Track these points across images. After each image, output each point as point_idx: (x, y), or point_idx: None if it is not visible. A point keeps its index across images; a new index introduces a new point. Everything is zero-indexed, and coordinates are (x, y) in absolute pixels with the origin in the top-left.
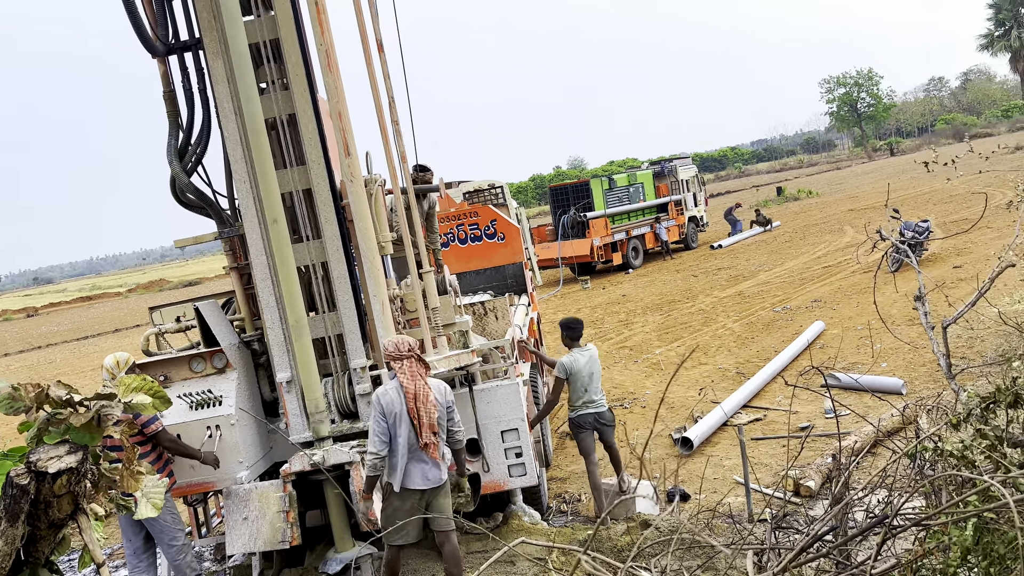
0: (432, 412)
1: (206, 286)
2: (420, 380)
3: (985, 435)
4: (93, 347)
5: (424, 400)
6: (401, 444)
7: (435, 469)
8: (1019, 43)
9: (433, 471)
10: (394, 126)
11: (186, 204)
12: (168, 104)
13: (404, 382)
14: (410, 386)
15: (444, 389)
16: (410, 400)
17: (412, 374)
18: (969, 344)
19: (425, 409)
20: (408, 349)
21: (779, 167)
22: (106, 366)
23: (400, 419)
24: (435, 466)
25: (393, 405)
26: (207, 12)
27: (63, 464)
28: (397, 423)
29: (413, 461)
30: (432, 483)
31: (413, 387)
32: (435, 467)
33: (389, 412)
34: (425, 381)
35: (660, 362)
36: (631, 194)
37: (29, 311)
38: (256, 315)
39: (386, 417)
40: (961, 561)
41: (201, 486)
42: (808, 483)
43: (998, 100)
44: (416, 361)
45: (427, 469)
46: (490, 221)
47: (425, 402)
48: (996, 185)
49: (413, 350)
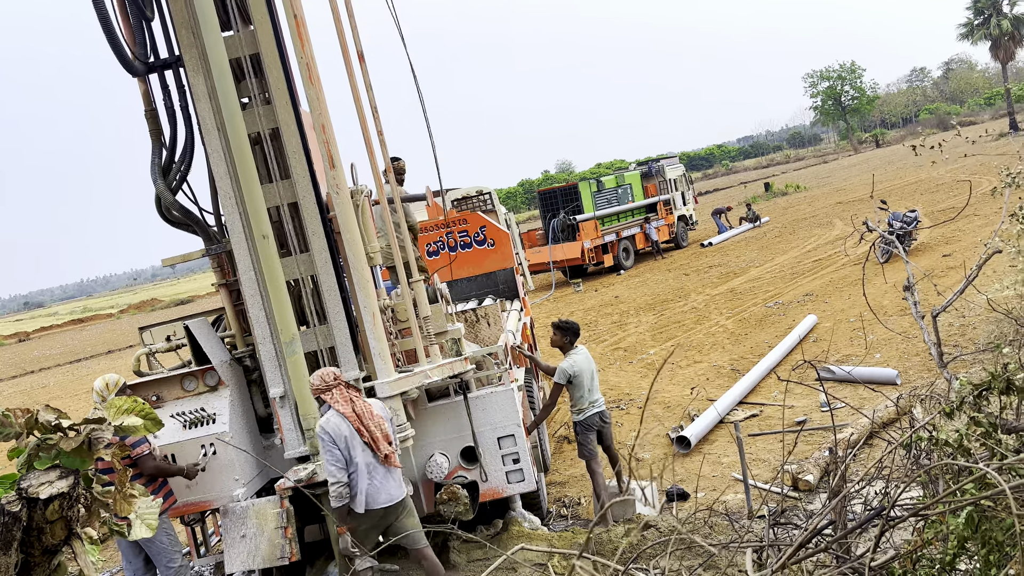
0: (381, 424)
1: (198, 303)
2: (357, 401)
3: (979, 423)
4: (86, 370)
5: (369, 416)
6: (360, 466)
7: (398, 487)
8: (999, 31)
9: (396, 489)
10: (379, 136)
11: (172, 222)
12: (150, 123)
13: (341, 409)
14: (347, 409)
15: (382, 405)
16: (355, 421)
17: (345, 399)
18: (961, 331)
19: (374, 423)
20: (333, 379)
21: (766, 163)
22: (96, 388)
23: (352, 441)
24: (398, 482)
25: (340, 429)
26: (186, 29)
27: (55, 489)
28: (350, 446)
29: (376, 480)
30: (395, 499)
31: (351, 409)
32: (398, 483)
33: (339, 437)
34: (363, 400)
35: (655, 362)
36: (620, 195)
37: (21, 336)
38: (247, 331)
39: (337, 443)
40: (959, 549)
41: (198, 505)
42: (806, 477)
43: (980, 88)
44: (344, 387)
45: (391, 486)
46: (479, 227)
47: (371, 417)
48: (981, 172)
49: (339, 378)
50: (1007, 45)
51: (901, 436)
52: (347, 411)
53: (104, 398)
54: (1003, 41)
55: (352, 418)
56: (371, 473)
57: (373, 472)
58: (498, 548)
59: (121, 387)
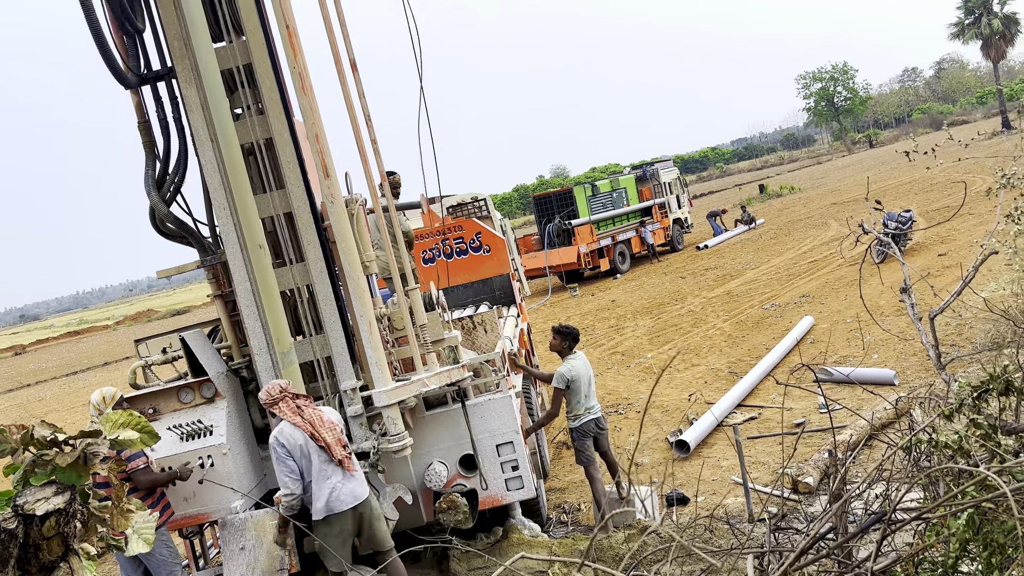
0: (335, 429)
1: (195, 314)
2: (307, 409)
3: (979, 424)
4: (83, 382)
5: (320, 422)
6: (316, 472)
7: (357, 485)
8: (989, 30)
9: (360, 487)
10: (373, 145)
11: (167, 234)
12: (143, 134)
13: (291, 419)
14: (298, 419)
15: (332, 410)
16: (307, 428)
17: (292, 409)
18: (958, 331)
19: (326, 429)
20: (279, 391)
21: (760, 164)
22: (93, 402)
23: (307, 450)
24: (356, 482)
25: (294, 439)
26: (178, 40)
27: (51, 505)
28: (305, 455)
29: (336, 482)
30: (359, 498)
31: (301, 418)
32: (356, 483)
33: (293, 447)
34: (313, 408)
35: (652, 366)
36: (615, 199)
37: (17, 349)
38: (243, 342)
39: (292, 454)
40: (961, 552)
41: (196, 518)
42: (806, 480)
43: (972, 87)
44: (291, 398)
45: (353, 485)
46: (475, 234)
47: (323, 424)
48: (975, 172)
49: (285, 390)
50: (998, 44)
51: (900, 438)
52: (297, 420)
53: (101, 411)
54: (994, 40)
55: (303, 426)
56: (330, 477)
57: (332, 475)
58: (498, 557)
59: (118, 400)
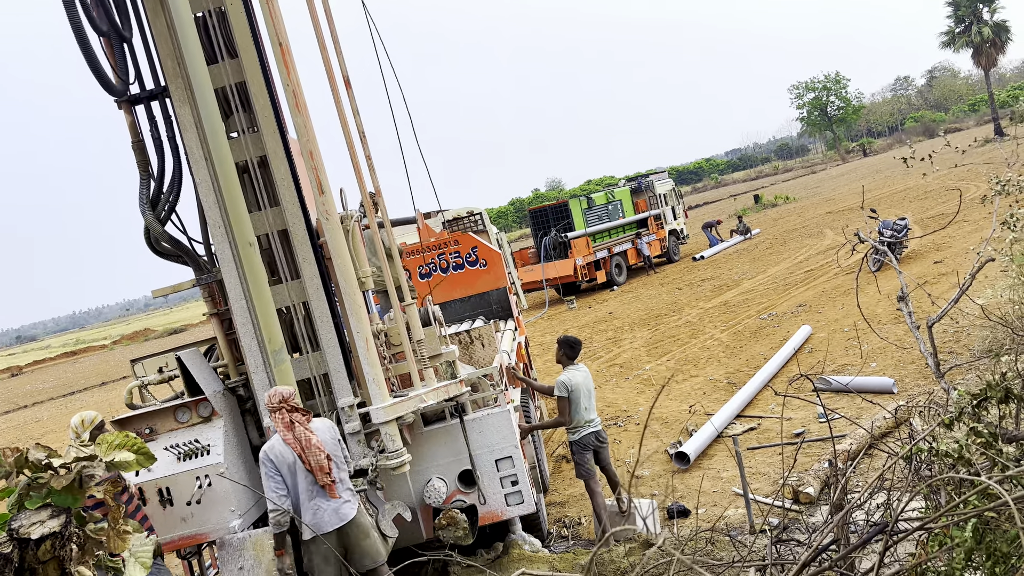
0: (319, 453)
1: (192, 332)
2: (299, 427)
3: (979, 433)
4: (80, 402)
5: (307, 446)
6: (303, 491)
7: (345, 505)
8: (980, 38)
9: (344, 507)
10: (367, 161)
11: (162, 253)
12: (137, 154)
13: (282, 435)
14: (289, 436)
15: (326, 426)
16: (296, 448)
17: (286, 424)
18: (955, 338)
19: (311, 454)
20: (278, 401)
21: (755, 175)
22: (72, 425)
23: (295, 468)
24: (340, 505)
25: (284, 456)
26: (171, 60)
27: (46, 529)
28: (292, 472)
29: (321, 503)
30: (344, 518)
31: (293, 435)
32: (340, 506)
33: (281, 463)
34: (306, 427)
35: (651, 378)
36: (610, 212)
37: (13, 370)
38: (239, 360)
39: (279, 470)
40: (965, 562)
41: (194, 538)
42: (807, 490)
43: (964, 95)
44: (287, 411)
45: (338, 505)
46: (471, 248)
47: (308, 447)
48: (969, 179)
49: (285, 401)
50: (989, 52)
51: (901, 447)
52: (288, 437)
53: (79, 435)
54: (985, 48)
55: (293, 444)
56: (315, 498)
57: (317, 496)
58: (499, 572)
59: (98, 424)
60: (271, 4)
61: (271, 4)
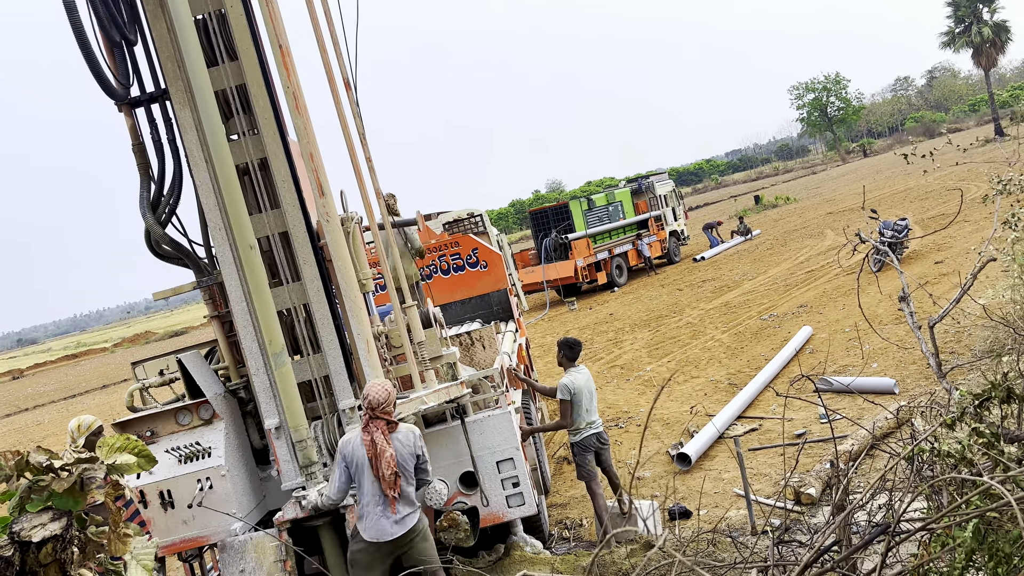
0: (388, 468)
1: (192, 335)
2: (379, 434)
3: (981, 433)
4: (81, 405)
5: (380, 456)
6: (366, 493)
7: (401, 522)
8: (979, 38)
9: (399, 524)
10: (368, 163)
11: (162, 256)
12: (138, 156)
13: (363, 436)
14: (367, 438)
15: (410, 439)
16: (370, 452)
17: (365, 426)
18: (957, 338)
19: (381, 463)
20: (367, 405)
21: (755, 176)
22: (69, 429)
23: (363, 469)
24: (399, 519)
25: (356, 454)
26: (171, 62)
27: (47, 532)
28: (360, 473)
29: (378, 513)
30: (395, 534)
31: (370, 439)
32: (400, 521)
33: (351, 461)
34: (387, 438)
35: (652, 379)
36: (611, 213)
37: (14, 373)
38: (240, 362)
39: (348, 466)
40: (966, 563)
41: (195, 541)
42: (809, 491)
43: (964, 95)
44: (371, 416)
45: (393, 522)
46: (472, 250)
47: (381, 457)
48: (969, 179)
49: (374, 408)
50: (989, 52)
51: (902, 448)
52: (366, 439)
53: (73, 439)
54: (984, 48)
55: (368, 447)
56: (378, 505)
57: (381, 504)
58: (501, 574)
59: (96, 430)
60: (271, 6)
61: (271, 6)
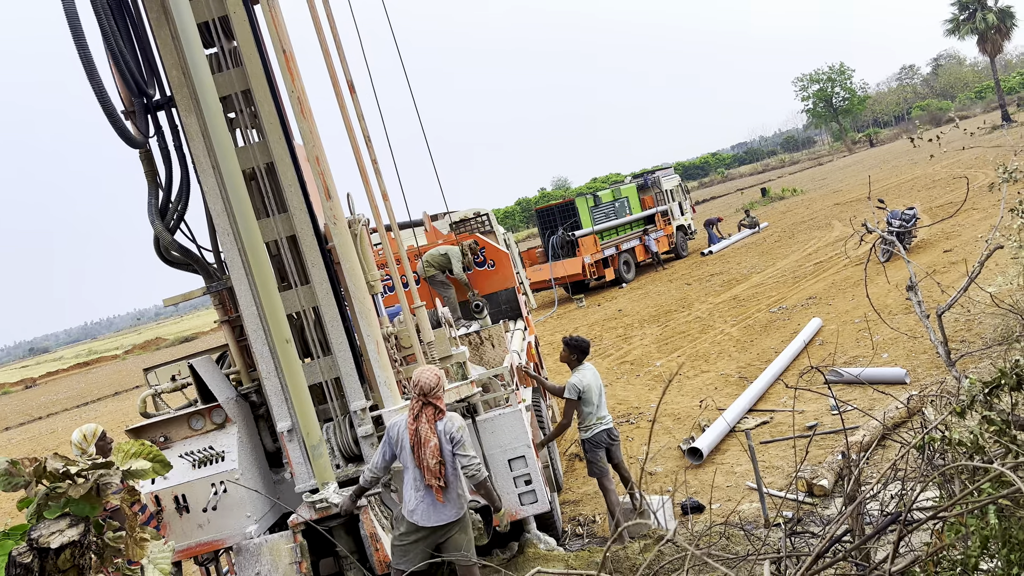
0: (431, 458)
1: (203, 340)
2: (423, 423)
3: (992, 420)
4: (94, 413)
5: (424, 444)
6: (409, 478)
7: (442, 511)
8: (984, 25)
9: (441, 512)
10: (373, 165)
11: (171, 262)
12: (145, 163)
13: (408, 422)
14: (411, 425)
15: (450, 427)
16: (412, 438)
17: (413, 412)
18: (967, 327)
19: (423, 452)
20: (417, 389)
21: (761, 168)
22: (74, 441)
23: (407, 454)
24: (442, 508)
25: (401, 437)
26: (176, 70)
27: (65, 538)
28: (405, 456)
29: (422, 497)
30: (436, 522)
31: (415, 426)
32: (442, 509)
33: (396, 443)
34: (431, 426)
35: (662, 374)
36: (617, 209)
37: (27, 382)
38: (252, 366)
39: (393, 447)
40: (981, 550)
41: (210, 544)
42: (821, 482)
43: (970, 83)
44: (420, 402)
45: (435, 509)
46: (479, 249)
47: (424, 445)
48: (977, 166)
49: (426, 394)
50: (994, 39)
51: (913, 437)
52: (411, 425)
53: (84, 450)
54: (989, 35)
55: (412, 434)
56: (419, 490)
57: (420, 489)
58: (515, 572)
59: (100, 436)
60: (274, 11)
61: (274, 11)
